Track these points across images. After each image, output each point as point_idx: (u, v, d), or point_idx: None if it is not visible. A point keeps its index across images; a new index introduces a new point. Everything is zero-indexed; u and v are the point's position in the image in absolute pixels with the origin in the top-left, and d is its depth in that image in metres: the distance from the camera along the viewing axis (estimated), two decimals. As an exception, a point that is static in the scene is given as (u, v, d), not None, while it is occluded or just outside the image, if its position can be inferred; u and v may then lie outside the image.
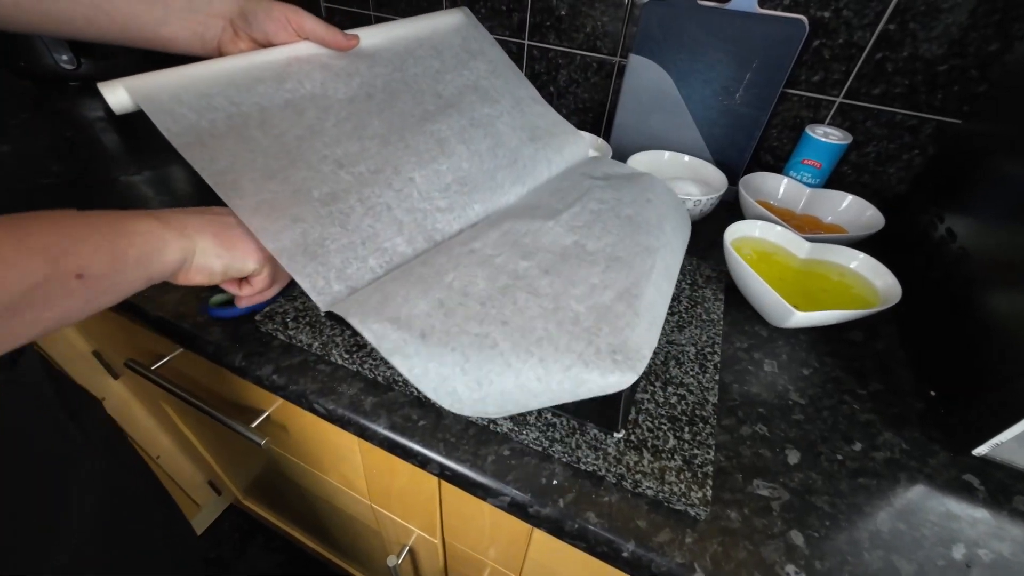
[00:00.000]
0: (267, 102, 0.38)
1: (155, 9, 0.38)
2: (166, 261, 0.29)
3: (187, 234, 0.30)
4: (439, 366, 0.28)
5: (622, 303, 0.31)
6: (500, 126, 0.45)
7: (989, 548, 0.30)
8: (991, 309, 0.35)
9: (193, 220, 0.31)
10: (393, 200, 0.37)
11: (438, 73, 0.46)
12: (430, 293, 0.31)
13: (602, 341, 0.29)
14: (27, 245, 0.24)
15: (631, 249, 0.36)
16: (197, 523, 1.03)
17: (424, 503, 0.48)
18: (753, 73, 0.56)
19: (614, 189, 0.42)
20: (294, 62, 0.41)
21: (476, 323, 0.30)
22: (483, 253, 0.35)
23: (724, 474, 0.33)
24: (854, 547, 0.30)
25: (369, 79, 0.42)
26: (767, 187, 0.59)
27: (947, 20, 0.49)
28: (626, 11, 0.63)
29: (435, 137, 0.41)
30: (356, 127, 0.39)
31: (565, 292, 0.32)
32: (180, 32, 0.40)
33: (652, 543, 0.29)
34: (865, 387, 0.40)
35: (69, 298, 0.25)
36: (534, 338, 0.29)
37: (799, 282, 0.46)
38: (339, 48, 0.42)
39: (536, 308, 0.31)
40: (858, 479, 0.33)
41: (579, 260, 0.35)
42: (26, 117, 0.68)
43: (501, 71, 0.49)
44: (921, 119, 0.55)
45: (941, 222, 0.45)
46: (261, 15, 0.39)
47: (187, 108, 0.35)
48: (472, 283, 0.32)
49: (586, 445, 0.32)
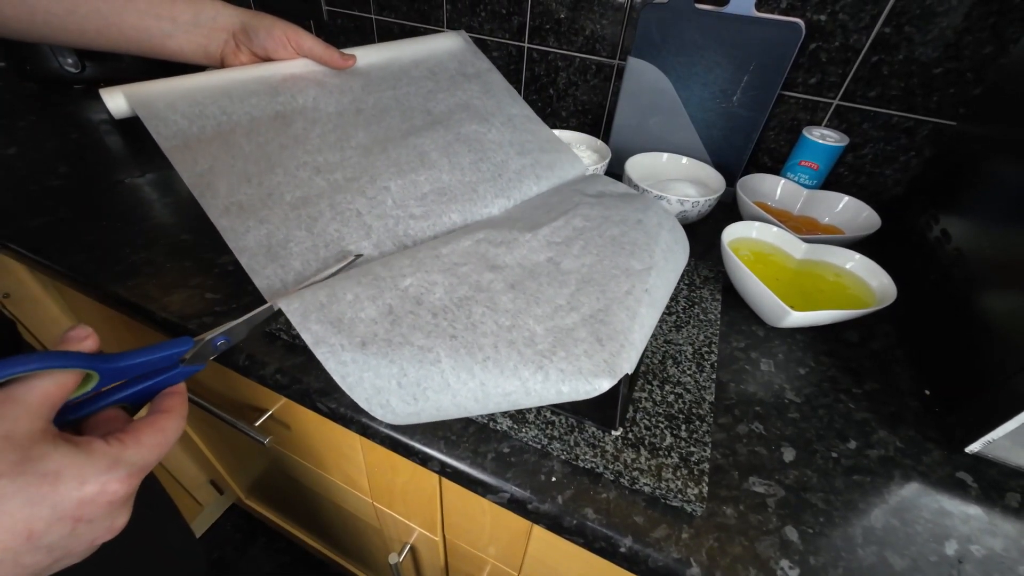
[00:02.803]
0: (258, 112, 0.39)
1: (163, 23, 0.40)
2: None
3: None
4: (375, 377, 0.27)
5: (585, 328, 0.29)
6: (487, 142, 0.44)
7: (981, 544, 0.31)
8: (985, 309, 0.36)
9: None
10: (364, 206, 0.36)
11: (430, 93, 0.46)
12: (382, 297, 0.30)
13: (553, 368, 0.27)
14: None
15: (608, 271, 0.34)
16: (199, 523, 1.03)
17: (425, 501, 0.48)
18: (750, 76, 0.56)
19: (604, 207, 0.40)
20: (289, 78, 0.42)
21: (422, 335, 0.28)
22: (449, 259, 0.33)
23: (720, 471, 0.33)
24: (848, 543, 0.30)
25: (360, 96, 0.43)
26: (764, 188, 0.60)
27: (942, 23, 0.50)
28: (625, 14, 0.63)
29: (417, 150, 0.41)
30: (340, 138, 0.40)
31: (526, 310, 0.30)
32: (186, 45, 0.41)
33: (649, 539, 0.30)
34: (861, 386, 0.40)
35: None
36: (480, 357, 0.28)
37: (796, 282, 0.46)
38: (335, 67, 0.43)
39: (491, 324, 0.29)
40: (853, 476, 0.34)
41: (550, 278, 0.33)
42: (33, 119, 0.69)
43: (495, 92, 0.49)
44: (917, 121, 0.56)
45: (936, 223, 0.45)
46: (262, 32, 0.41)
47: (180, 115, 0.37)
48: (429, 291, 0.31)
49: (584, 443, 0.33)
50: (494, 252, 0.34)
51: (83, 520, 0.19)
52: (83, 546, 0.20)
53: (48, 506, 0.18)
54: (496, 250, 0.34)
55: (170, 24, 0.40)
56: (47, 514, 0.18)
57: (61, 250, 0.47)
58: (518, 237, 0.36)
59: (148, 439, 0.21)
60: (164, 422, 0.22)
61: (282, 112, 0.40)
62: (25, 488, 0.17)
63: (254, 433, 0.49)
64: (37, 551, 0.18)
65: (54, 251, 0.47)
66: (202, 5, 0.41)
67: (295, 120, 0.39)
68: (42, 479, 0.18)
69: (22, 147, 0.62)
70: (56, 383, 0.20)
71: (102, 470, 0.19)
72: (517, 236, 0.36)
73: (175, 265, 0.46)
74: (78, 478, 0.19)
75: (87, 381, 0.21)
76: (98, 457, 0.19)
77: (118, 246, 0.48)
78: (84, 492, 0.19)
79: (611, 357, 0.28)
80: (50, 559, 0.19)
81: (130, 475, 0.20)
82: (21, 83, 0.78)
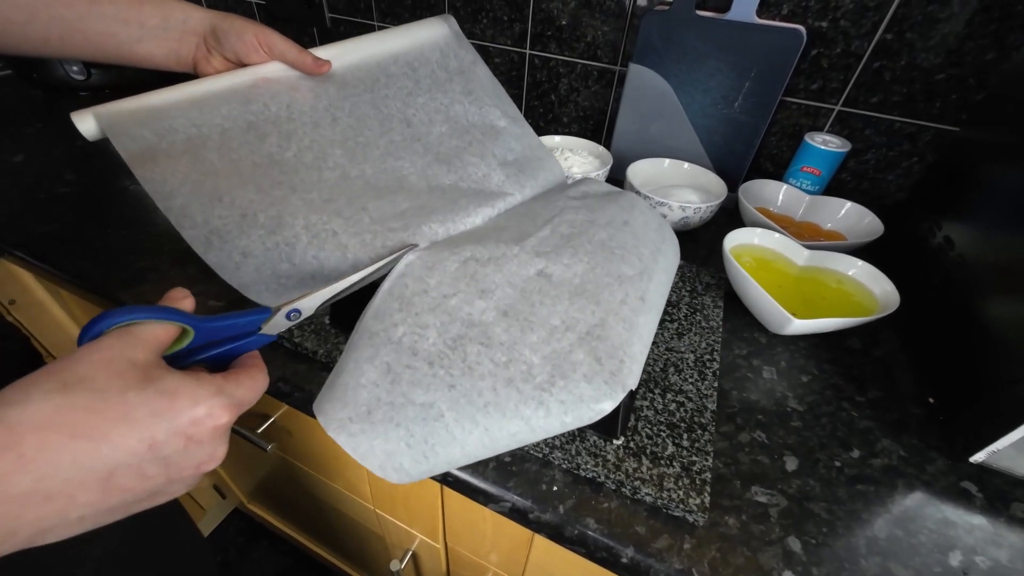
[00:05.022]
0: (230, 124, 0.37)
1: (130, 28, 0.38)
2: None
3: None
4: (384, 443, 0.27)
5: (583, 349, 0.29)
6: (468, 156, 0.42)
7: (986, 555, 0.30)
8: (989, 316, 0.36)
9: (24, 417, 0.18)
10: (341, 226, 0.35)
11: (409, 95, 0.44)
12: (378, 356, 0.30)
13: (554, 400, 0.27)
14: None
15: (600, 280, 0.33)
16: (203, 526, 1.03)
17: (427, 508, 0.48)
18: (752, 82, 0.56)
19: (588, 210, 0.39)
20: (262, 83, 0.40)
21: (422, 390, 0.28)
22: (437, 292, 0.32)
23: (722, 481, 0.33)
24: (851, 553, 0.30)
25: (337, 100, 0.41)
26: (766, 194, 0.60)
27: (944, 30, 0.50)
28: (626, 21, 0.64)
29: (395, 175, 0.39)
30: (317, 158, 0.38)
31: (521, 339, 0.30)
32: (156, 50, 0.40)
33: (651, 549, 0.29)
34: (864, 394, 0.40)
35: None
36: (481, 403, 0.28)
37: (798, 289, 0.46)
38: (308, 72, 0.41)
39: (488, 364, 0.29)
40: (856, 486, 0.33)
41: (542, 295, 0.32)
42: (39, 127, 0.69)
43: (478, 92, 0.46)
44: (919, 127, 0.56)
45: (939, 229, 0.45)
46: (232, 35, 0.39)
47: (148, 130, 0.35)
48: (423, 337, 0.30)
49: (586, 452, 0.33)
50: (483, 272, 0.33)
51: (193, 440, 0.21)
52: (191, 468, 0.22)
53: (167, 419, 0.20)
54: (484, 269, 0.34)
55: (138, 29, 0.38)
56: (166, 427, 0.20)
57: (67, 257, 0.47)
58: (505, 252, 0.35)
59: (244, 380, 0.24)
60: (254, 372, 0.25)
61: (254, 123, 0.38)
62: (149, 401, 0.20)
63: (256, 439, 0.49)
64: (156, 462, 0.20)
65: (60, 258, 0.47)
66: (171, 8, 0.39)
67: (269, 133, 0.38)
68: (162, 395, 0.20)
69: (29, 154, 0.63)
70: (163, 329, 0.22)
71: (211, 394, 0.21)
72: (504, 250, 0.35)
73: (180, 272, 0.46)
74: (191, 398, 0.21)
75: (183, 337, 0.24)
76: (206, 384, 0.22)
77: (124, 253, 0.48)
78: (196, 412, 0.21)
79: (611, 376, 0.28)
80: (165, 476, 0.21)
81: (232, 406, 0.22)
82: (27, 90, 0.79)
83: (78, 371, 0.19)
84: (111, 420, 0.19)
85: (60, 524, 0.18)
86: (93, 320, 0.21)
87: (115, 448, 0.19)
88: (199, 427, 0.21)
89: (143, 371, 0.20)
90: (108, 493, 0.19)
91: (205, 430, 0.21)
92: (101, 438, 0.18)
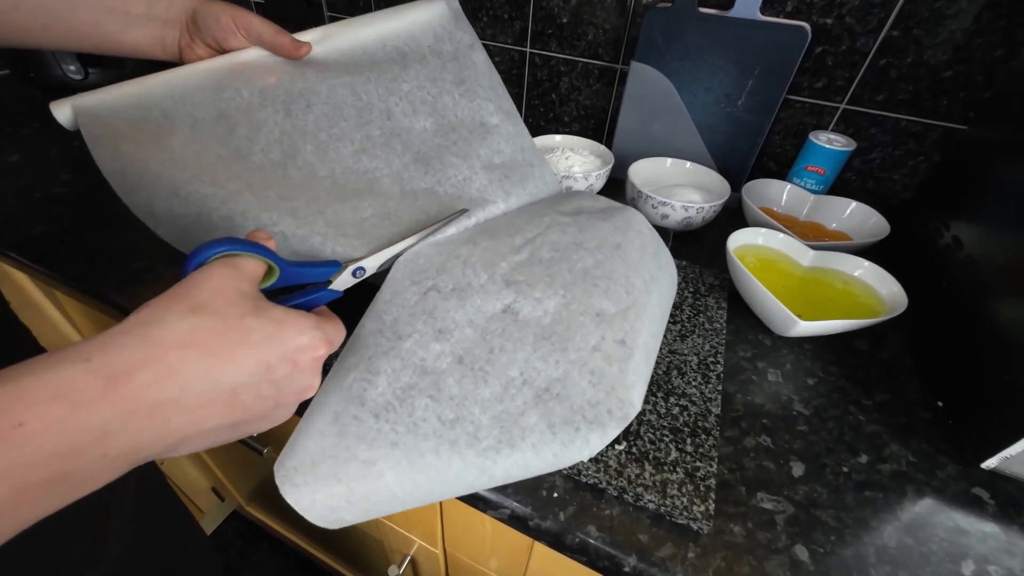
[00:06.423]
0: (201, 113, 0.36)
1: (116, 16, 0.38)
2: (115, 456, 0.18)
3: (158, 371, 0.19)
4: (325, 499, 0.26)
5: (537, 411, 0.27)
6: (449, 156, 0.39)
7: (1000, 564, 0.29)
8: (999, 318, 0.35)
9: (166, 334, 0.19)
10: (290, 228, 0.32)
11: (394, 82, 0.40)
12: (328, 404, 0.28)
13: (498, 469, 0.26)
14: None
15: (574, 319, 0.30)
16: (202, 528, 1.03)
17: (425, 513, 0.47)
18: (755, 80, 0.55)
19: (578, 229, 0.36)
20: (237, 68, 0.38)
21: (366, 446, 0.27)
22: (392, 332, 0.31)
23: (727, 487, 0.32)
24: (860, 562, 0.29)
25: (314, 84, 0.38)
26: (770, 194, 0.59)
27: (951, 26, 0.49)
28: (628, 18, 0.63)
29: (367, 176, 0.37)
30: (285, 154, 0.36)
31: (472, 394, 0.28)
32: (142, 39, 0.39)
33: (654, 558, 0.29)
34: (871, 397, 0.39)
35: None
36: (422, 466, 0.26)
37: (803, 290, 0.45)
38: (287, 55, 0.39)
39: (434, 422, 0.28)
40: (864, 492, 0.33)
41: (504, 339, 0.30)
42: (36, 126, 0.69)
43: (471, 83, 0.42)
44: (926, 125, 0.55)
45: (947, 229, 0.44)
46: (210, 19, 0.38)
47: (121, 120, 0.34)
48: (372, 385, 0.29)
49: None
50: (443, 308, 0.31)
51: (299, 366, 0.23)
52: (294, 394, 0.23)
53: (278, 343, 0.22)
54: (446, 304, 0.31)
55: (123, 17, 0.37)
56: (278, 350, 0.22)
57: (63, 258, 0.47)
58: (472, 281, 0.32)
59: (333, 322, 0.26)
60: (335, 319, 0.27)
61: (225, 112, 0.36)
62: (263, 327, 0.21)
63: (253, 442, 0.48)
64: (270, 384, 0.22)
65: (56, 259, 0.47)
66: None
67: (239, 124, 0.36)
68: (273, 322, 0.22)
69: (25, 154, 0.62)
70: (257, 264, 0.24)
71: (312, 326, 0.23)
72: (471, 279, 0.32)
73: (175, 273, 0.45)
74: (296, 328, 0.23)
75: (269, 275, 0.26)
76: (308, 317, 0.24)
77: (121, 253, 0.48)
78: (300, 340, 0.23)
79: (562, 449, 0.27)
80: (274, 399, 0.22)
81: (327, 340, 0.24)
82: (25, 91, 0.78)
83: (201, 296, 0.21)
84: (234, 342, 0.20)
85: (196, 435, 0.20)
86: (199, 248, 0.23)
87: (238, 367, 0.20)
88: (303, 355, 0.23)
89: (252, 300, 0.22)
90: (233, 408, 0.21)
91: (308, 359, 0.23)
92: (228, 357, 0.20)
